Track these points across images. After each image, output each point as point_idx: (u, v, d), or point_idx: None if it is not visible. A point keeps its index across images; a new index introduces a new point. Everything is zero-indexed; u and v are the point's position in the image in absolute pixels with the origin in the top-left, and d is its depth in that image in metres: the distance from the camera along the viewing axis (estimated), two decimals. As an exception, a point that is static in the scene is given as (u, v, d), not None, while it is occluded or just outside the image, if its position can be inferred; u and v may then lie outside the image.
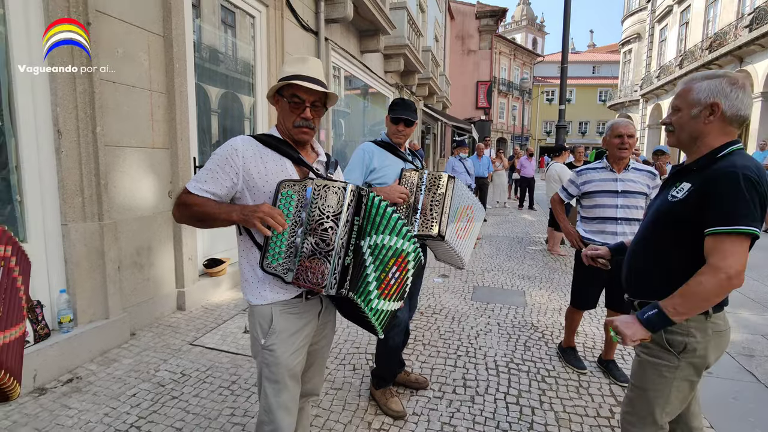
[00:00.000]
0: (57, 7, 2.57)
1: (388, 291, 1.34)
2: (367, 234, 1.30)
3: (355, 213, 1.28)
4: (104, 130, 2.87)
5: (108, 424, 2.14)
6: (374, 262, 1.31)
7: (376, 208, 1.31)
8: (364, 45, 8.16)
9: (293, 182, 1.30)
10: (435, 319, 3.62)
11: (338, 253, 1.26)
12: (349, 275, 1.27)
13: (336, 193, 1.27)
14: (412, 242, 1.37)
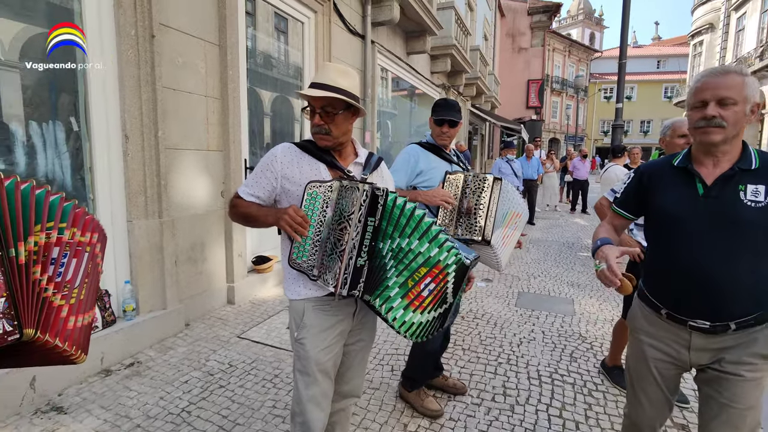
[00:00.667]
0: (126, 22, 2.81)
1: (419, 303, 1.27)
2: (388, 236, 1.28)
3: (369, 213, 1.27)
4: (165, 134, 3.10)
5: (162, 407, 2.30)
6: (397, 266, 1.28)
7: (400, 210, 1.27)
8: (410, 46, 8.17)
9: (319, 183, 1.35)
10: (476, 324, 3.54)
11: (349, 253, 1.27)
12: (363, 277, 1.27)
13: (354, 193, 1.29)
14: (453, 254, 1.25)
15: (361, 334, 1.59)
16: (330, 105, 1.39)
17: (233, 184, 3.77)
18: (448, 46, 9.50)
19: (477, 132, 19.12)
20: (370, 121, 6.63)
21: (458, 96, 12.56)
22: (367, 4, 6.09)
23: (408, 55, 8.26)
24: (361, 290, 1.28)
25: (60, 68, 2.58)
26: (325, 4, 5.13)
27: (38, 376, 2.28)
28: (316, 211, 1.33)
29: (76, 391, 2.41)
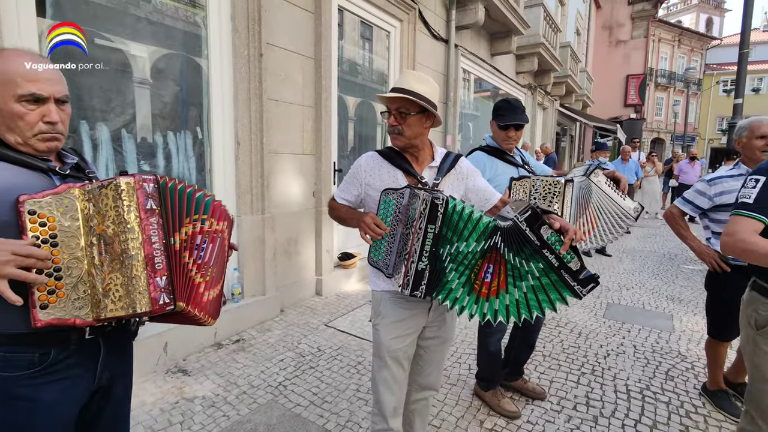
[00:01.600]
0: (241, 44, 3.25)
1: (487, 290, 1.34)
2: (447, 241, 1.34)
3: (428, 221, 1.32)
4: (268, 140, 3.51)
5: (263, 379, 2.63)
6: (457, 268, 1.34)
7: (459, 215, 1.32)
8: (494, 48, 8.05)
9: (393, 191, 1.47)
10: (558, 332, 3.43)
11: (411, 257, 1.35)
12: (425, 280, 1.35)
13: (417, 201, 1.37)
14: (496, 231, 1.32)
15: (438, 331, 1.66)
16: (403, 107, 1.48)
17: (323, 186, 4.11)
18: (536, 45, 9.16)
19: (566, 133, 17.99)
20: (452, 124, 6.67)
21: (545, 96, 11.99)
22: (451, 9, 6.16)
23: (492, 56, 8.14)
24: (423, 291, 1.36)
25: (177, 83, 3.08)
26: (411, 12, 5.31)
27: (169, 342, 2.75)
28: (389, 216, 1.46)
29: (196, 359, 2.86)
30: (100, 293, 1.01)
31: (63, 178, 1.08)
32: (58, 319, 0.97)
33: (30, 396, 1.00)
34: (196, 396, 2.43)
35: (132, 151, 2.83)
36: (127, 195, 1.00)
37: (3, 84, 0.97)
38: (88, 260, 1.01)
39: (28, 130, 1.00)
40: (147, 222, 1.02)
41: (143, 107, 2.93)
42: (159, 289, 1.02)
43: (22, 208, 0.94)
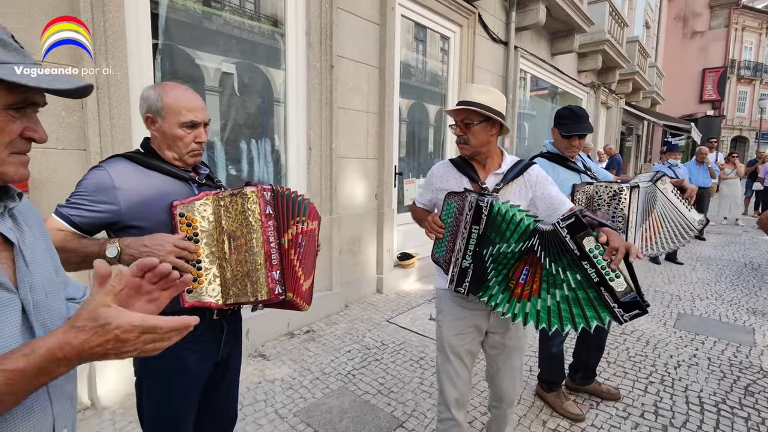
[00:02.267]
0: (314, 57, 3.52)
1: (520, 290, 1.38)
2: (491, 243, 1.41)
3: (473, 222, 1.42)
4: (336, 145, 3.75)
5: (333, 368, 2.85)
6: (497, 268, 1.42)
7: (502, 217, 1.38)
8: (555, 47, 7.85)
9: (455, 194, 1.59)
10: (624, 340, 3.35)
11: (456, 254, 1.47)
12: (468, 278, 1.45)
13: (466, 204, 1.48)
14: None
15: (503, 338, 1.67)
16: (467, 117, 1.57)
17: (385, 188, 4.30)
18: (600, 42, 8.79)
19: (632, 133, 16.96)
20: (510, 126, 6.61)
21: (609, 94, 11.43)
22: (511, 11, 6.13)
23: (553, 56, 7.94)
24: (466, 288, 1.47)
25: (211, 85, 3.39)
26: (471, 17, 5.37)
27: (251, 329, 3.05)
28: (450, 217, 1.59)
29: (273, 345, 3.15)
30: (229, 282, 1.24)
31: (199, 186, 1.33)
32: (199, 301, 1.21)
33: (178, 361, 1.25)
34: (275, 378, 2.70)
35: (222, 158, 3.18)
36: (252, 202, 1.22)
37: (171, 114, 1.22)
38: (219, 255, 1.24)
39: (185, 149, 1.26)
40: (266, 225, 1.24)
41: (231, 117, 3.28)
42: (275, 281, 1.24)
43: (174, 211, 1.20)
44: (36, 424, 0.63)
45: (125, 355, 0.60)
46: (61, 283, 0.79)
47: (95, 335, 0.57)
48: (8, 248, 0.66)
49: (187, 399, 1.29)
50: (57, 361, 0.56)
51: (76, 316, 0.58)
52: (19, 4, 2.05)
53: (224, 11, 3.17)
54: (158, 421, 1.27)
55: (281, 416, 2.32)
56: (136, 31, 2.54)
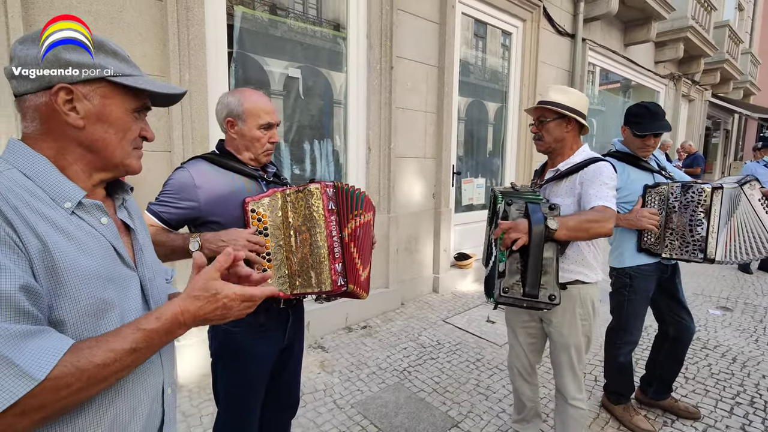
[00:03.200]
0: (374, 59, 3.59)
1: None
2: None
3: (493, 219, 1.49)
4: (394, 145, 3.80)
5: (389, 363, 2.90)
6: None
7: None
8: (629, 37, 7.30)
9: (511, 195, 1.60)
10: (705, 355, 3.05)
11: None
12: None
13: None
14: None
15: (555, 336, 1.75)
16: (542, 115, 1.69)
17: (443, 188, 4.28)
18: (682, 29, 8.03)
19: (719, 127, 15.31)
20: (576, 124, 6.26)
21: (692, 86, 10.40)
22: (579, 2, 5.80)
23: (626, 47, 7.40)
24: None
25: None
26: (535, 11, 5.17)
27: (311, 321, 3.19)
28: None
29: (331, 338, 3.27)
30: (295, 274, 1.32)
31: (268, 184, 1.43)
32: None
33: (249, 348, 1.36)
34: (334, 370, 2.80)
35: (287, 158, 3.36)
36: (316, 198, 1.30)
37: (250, 117, 1.34)
38: (286, 248, 1.32)
39: (260, 149, 1.38)
40: (329, 219, 1.30)
41: (296, 119, 3.45)
42: (337, 273, 1.30)
43: (247, 207, 1.31)
44: (153, 380, 0.77)
45: (227, 320, 0.73)
46: (160, 264, 0.93)
47: (208, 303, 0.69)
48: (128, 234, 0.79)
49: (256, 380, 1.40)
50: (179, 324, 0.68)
51: (191, 287, 0.70)
52: (121, 24, 2.32)
53: (289, 18, 3.34)
54: (230, 400, 1.39)
55: (339, 406, 2.41)
56: (214, 42, 2.76)
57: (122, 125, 0.72)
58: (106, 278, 0.68)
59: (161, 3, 2.43)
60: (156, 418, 0.79)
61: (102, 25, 2.26)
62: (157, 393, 0.79)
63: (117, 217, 0.78)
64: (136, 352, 0.63)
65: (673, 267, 2.20)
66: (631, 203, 2.05)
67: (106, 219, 0.72)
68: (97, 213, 0.71)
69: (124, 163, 0.74)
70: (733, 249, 1.95)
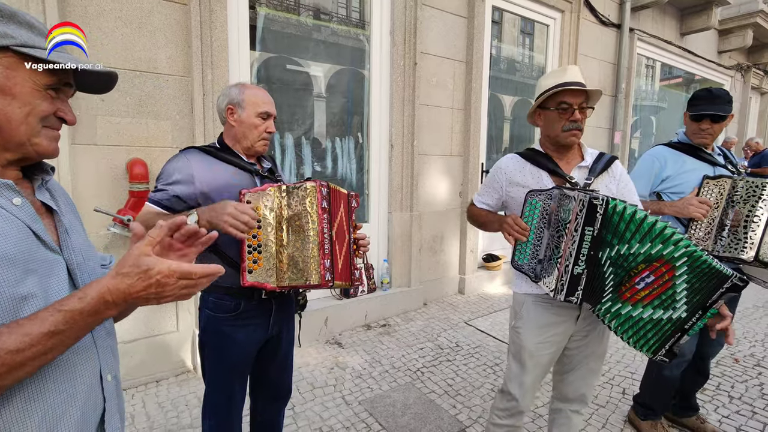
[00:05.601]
0: (397, 56, 3.56)
1: (630, 295, 1.23)
2: (607, 244, 1.25)
3: (586, 223, 1.23)
4: (418, 142, 3.74)
5: (404, 363, 2.85)
6: (615, 272, 1.25)
7: (620, 216, 1.22)
8: (686, 25, 6.72)
9: (538, 192, 1.43)
10: (758, 373, 2.73)
11: (566, 260, 1.28)
12: (581, 285, 1.27)
13: (571, 202, 1.28)
14: (683, 245, 1.16)
15: (584, 340, 1.55)
16: (584, 101, 1.45)
17: (470, 186, 4.16)
18: (750, 14, 7.28)
19: (798, 123, 13.71)
20: (622, 120, 5.87)
21: (765, 77, 9.39)
22: (626, -11, 5.43)
23: (683, 36, 6.82)
24: (579, 297, 1.29)
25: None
26: (575, 1, 4.90)
27: (329, 317, 3.22)
28: (535, 218, 1.43)
29: (349, 335, 3.27)
30: (284, 267, 1.33)
31: (262, 179, 1.46)
32: (257, 282, 1.33)
33: (229, 333, 1.40)
34: (347, 366, 2.80)
35: (308, 155, 3.41)
36: (312, 196, 1.31)
37: (250, 105, 1.40)
38: (277, 241, 1.34)
39: (257, 137, 1.42)
40: (321, 217, 1.31)
41: (318, 117, 3.50)
42: (326, 269, 1.31)
43: (242, 198, 1.34)
44: (88, 366, 0.74)
45: (164, 300, 0.68)
46: (94, 249, 0.89)
47: (139, 280, 0.64)
48: (50, 216, 0.76)
49: (237, 367, 1.44)
50: (106, 303, 0.63)
51: (121, 264, 0.66)
52: (148, 28, 2.47)
53: (311, 18, 3.39)
54: (214, 381, 1.45)
55: (347, 402, 2.40)
56: (237, 43, 2.87)
57: (28, 100, 0.67)
58: (22, 261, 0.64)
59: (186, 6, 2.56)
60: (96, 408, 0.75)
61: (131, 31, 2.41)
62: (94, 381, 0.74)
63: (36, 199, 0.73)
64: (56, 335, 0.60)
65: None
66: (681, 194, 1.91)
67: (19, 200, 0.67)
68: (7, 193, 0.67)
69: (32, 141, 0.69)
70: None
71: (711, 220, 1.82)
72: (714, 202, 1.82)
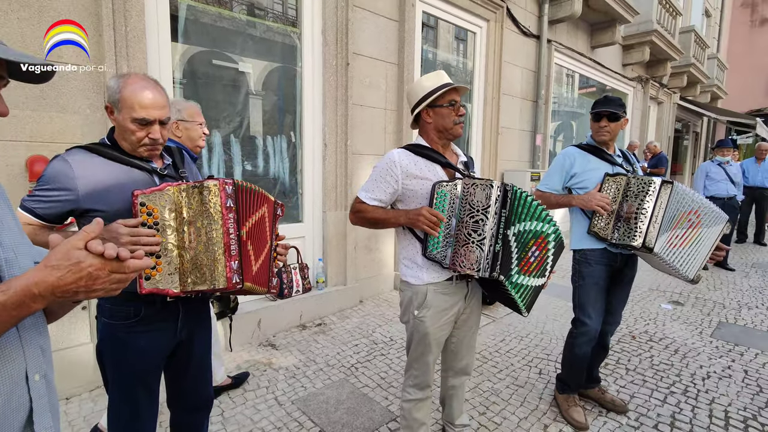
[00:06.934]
0: (330, 55, 3.58)
1: (527, 267, 1.48)
2: (512, 224, 1.46)
3: (502, 206, 1.45)
4: (352, 142, 3.79)
5: (338, 360, 2.88)
6: (517, 246, 1.47)
7: (518, 200, 1.46)
8: (595, 40, 7.45)
9: (446, 182, 1.53)
10: (650, 347, 3.12)
11: (489, 241, 1.44)
12: (500, 260, 1.45)
13: (484, 189, 1.45)
14: (552, 225, 1.51)
15: (470, 317, 1.78)
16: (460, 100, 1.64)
17: (403, 185, 4.28)
18: (647, 33, 8.24)
19: (689, 130, 15.74)
20: (543, 123, 6.37)
21: (660, 88, 10.68)
22: (544, 4, 5.90)
23: (593, 49, 7.55)
24: (498, 271, 1.45)
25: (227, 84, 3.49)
26: (498, 11, 5.23)
27: (263, 319, 3.16)
28: (445, 207, 1.52)
29: (283, 336, 3.23)
30: (188, 271, 1.25)
31: (161, 177, 1.35)
32: (157, 288, 1.22)
33: (128, 341, 1.30)
34: (281, 367, 2.77)
35: (238, 154, 3.31)
36: (214, 195, 1.24)
37: (125, 107, 1.25)
38: (179, 244, 1.25)
39: (136, 143, 1.29)
40: (227, 217, 1.25)
41: (249, 115, 3.41)
42: (233, 271, 1.25)
43: (135, 200, 1.22)
44: (12, 366, 0.71)
45: (93, 294, 0.67)
46: (28, 245, 0.84)
47: (69, 272, 0.63)
48: None
49: (141, 376, 1.34)
50: (33, 296, 0.62)
51: (49, 257, 0.63)
52: (50, 12, 2.25)
53: (241, 12, 3.30)
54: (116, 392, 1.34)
55: (280, 403, 2.38)
56: (156, 34, 2.71)
57: None
58: None
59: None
60: (21, 409, 0.72)
61: (29, 15, 2.19)
62: (18, 381, 0.72)
63: None
64: None
65: (626, 260, 2.23)
66: (585, 189, 2.17)
67: None
68: None
69: None
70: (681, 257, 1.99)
71: (610, 212, 2.07)
72: (612, 196, 2.07)
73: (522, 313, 1.54)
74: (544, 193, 2.27)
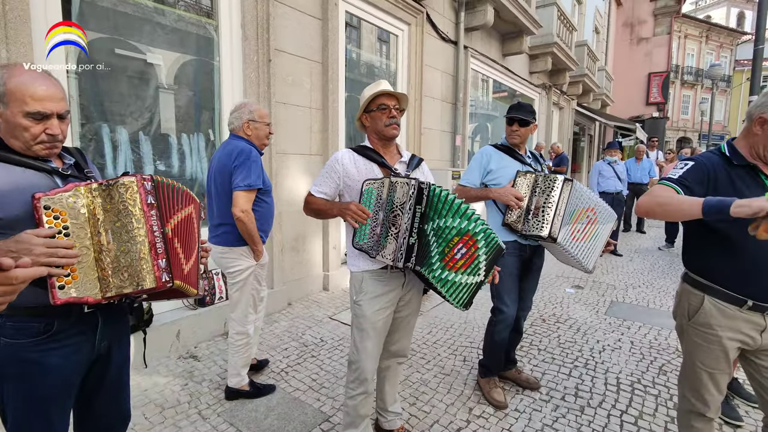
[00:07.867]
0: (250, 50, 3.44)
1: (453, 264, 1.55)
2: (430, 219, 1.55)
3: (416, 203, 1.54)
4: (276, 141, 3.68)
5: (268, 366, 2.79)
6: (437, 241, 1.55)
7: (438, 197, 1.55)
8: (506, 48, 8.07)
9: (374, 180, 1.66)
10: (557, 328, 3.48)
11: (403, 234, 1.56)
12: (415, 252, 1.55)
13: (403, 187, 1.58)
14: (480, 223, 1.56)
15: (409, 303, 1.88)
16: (398, 104, 1.81)
17: (330, 185, 4.26)
18: (549, 44, 9.11)
19: (584, 133, 17.71)
20: (462, 125, 6.74)
21: (561, 95, 11.88)
22: (460, 11, 6.24)
23: (504, 56, 8.16)
24: (413, 262, 1.56)
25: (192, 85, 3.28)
26: (419, 16, 5.43)
27: (182, 330, 2.94)
28: (372, 203, 1.64)
29: (206, 346, 3.05)
30: (109, 275, 1.16)
31: (64, 178, 1.22)
32: (74, 297, 1.11)
33: (37, 360, 1.16)
34: (204, 379, 2.61)
35: (149, 152, 3.05)
36: (133, 192, 1.15)
37: (14, 101, 1.11)
38: (95, 248, 1.15)
39: (31, 141, 1.15)
40: (149, 214, 1.17)
41: (160, 111, 3.15)
42: (161, 269, 1.18)
43: (38, 204, 1.08)
44: None
45: None
46: None
47: None
48: None
49: (55, 399, 1.20)
50: None
51: None
52: None
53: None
54: (20, 421, 1.17)
55: (204, 417, 2.24)
56: (44, 17, 2.39)
57: None
58: None
59: (-38, -37, 2.03)
60: None
61: None
62: None
63: None
64: None
65: (534, 251, 2.43)
66: (499, 185, 2.36)
67: None
68: None
69: None
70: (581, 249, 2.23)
71: (521, 207, 2.26)
72: (524, 192, 2.27)
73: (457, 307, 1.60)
74: (465, 187, 2.43)
